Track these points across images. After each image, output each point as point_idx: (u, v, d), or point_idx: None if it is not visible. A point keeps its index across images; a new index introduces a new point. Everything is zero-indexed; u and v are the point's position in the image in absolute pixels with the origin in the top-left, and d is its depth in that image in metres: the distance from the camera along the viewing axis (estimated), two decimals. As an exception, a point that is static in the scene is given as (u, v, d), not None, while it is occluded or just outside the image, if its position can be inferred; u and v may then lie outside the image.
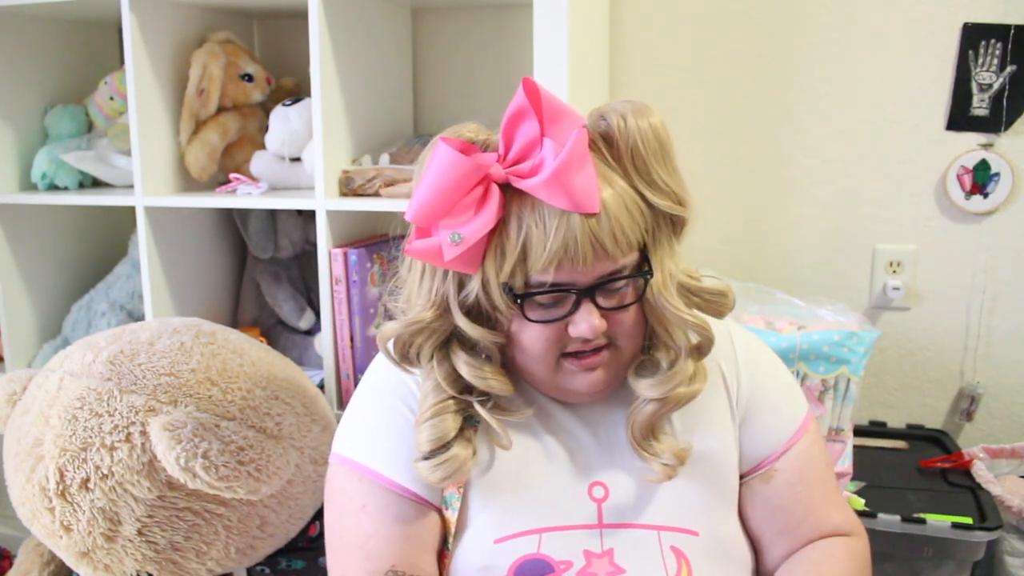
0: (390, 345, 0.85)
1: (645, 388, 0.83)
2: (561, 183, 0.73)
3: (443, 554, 0.87)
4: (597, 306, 0.78)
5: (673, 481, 0.84)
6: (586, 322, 0.77)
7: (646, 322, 0.83)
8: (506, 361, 0.85)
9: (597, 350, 0.81)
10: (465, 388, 0.84)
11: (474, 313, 0.81)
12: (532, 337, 0.80)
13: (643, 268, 0.79)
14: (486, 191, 0.76)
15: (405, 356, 0.85)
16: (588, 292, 0.77)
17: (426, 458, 0.82)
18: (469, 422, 0.85)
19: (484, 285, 0.78)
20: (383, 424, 0.88)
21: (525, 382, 0.87)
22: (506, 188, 0.77)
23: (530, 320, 0.79)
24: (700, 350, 0.84)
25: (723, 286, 0.85)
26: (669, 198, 0.79)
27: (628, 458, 0.86)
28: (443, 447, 0.82)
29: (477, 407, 0.83)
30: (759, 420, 0.90)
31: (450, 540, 0.86)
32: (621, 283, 0.79)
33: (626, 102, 0.78)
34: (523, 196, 0.76)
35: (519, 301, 0.78)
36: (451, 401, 0.83)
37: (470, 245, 0.75)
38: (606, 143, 0.78)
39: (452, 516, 0.85)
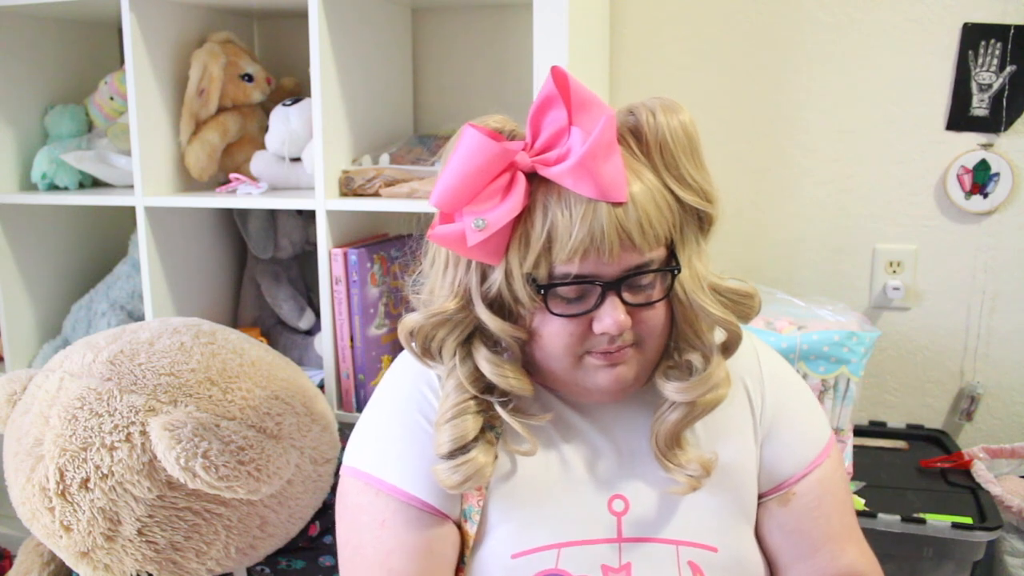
0: (412, 338, 0.83)
1: (674, 392, 0.80)
2: (588, 170, 0.71)
3: (459, 568, 0.86)
4: (623, 301, 0.76)
5: (694, 494, 0.83)
6: (611, 317, 0.75)
7: (672, 322, 0.81)
8: (526, 362, 0.83)
9: (621, 348, 0.79)
10: (486, 388, 0.82)
11: (496, 307, 0.79)
12: (554, 332, 0.78)
13: (671, 264, 0.78)
14: (512, 178, 0.74)
15: (427, 350, 0.83)
16: (614, 285, 0.75)
17: (445, 459, 0.80)
18: (490, 431, 0.83)
19: (507, 276, 0.76)
20: (398, 435, 0.86)
21: (544, 387, 0.86)
22: (532, 178, 0.75)
23: (553, 314, 0.76)
24: (728, 348, 0.82)
25: (750, 288, 0.83)
26: (698, 194, 0.77)
27: (650, 468, 0.84)
28: (463, 448, 0.80)
29: (498, 408, 0.81)
30: (780, 440, 0.88)
31: (467, 554, 0.85)
32: (648, 278, 0.77)
33: (655, 98, 0.77)
34: (549, 185, 0.74)
35: (543, 292, 0.76)
36: (472, 402, 0.81)
37: (494, 232, 0.73)
38: (635, 138, 0.77)
39: (471, 529, 0.84)
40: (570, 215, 0.73)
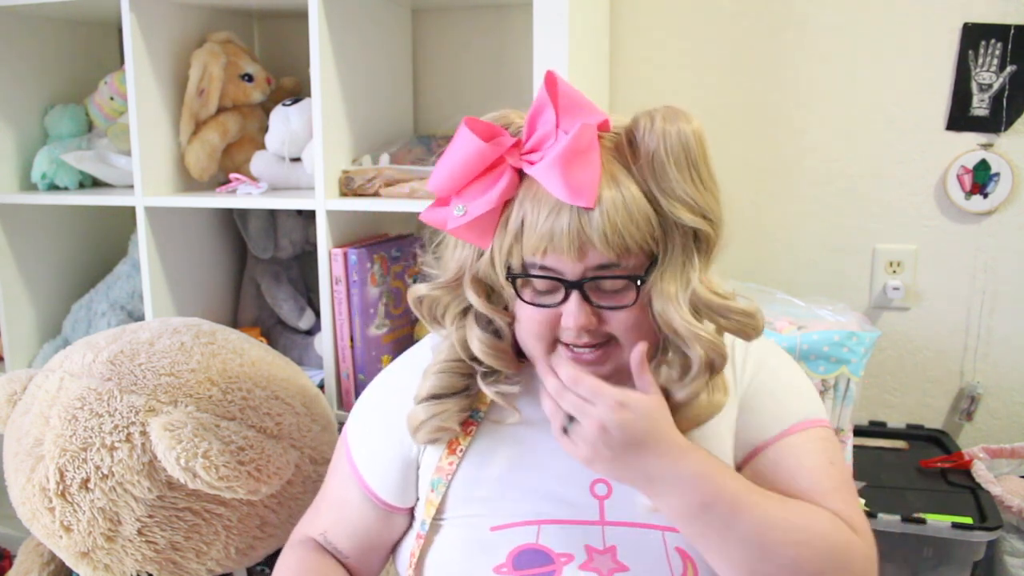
0: (420, 304, 0.89)
1: (663, 382, 0.81)
2: (557, 173, 0.74)
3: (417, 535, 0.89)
4: (590, 301, 0.78)
5: None
6: (572, 315, 0.78)
7: (655, 327, 0.81)
8: (518, 344, 0.87)
9: (593, 348, 0.80)
10: (475, 358, 0.87)
11: (487, 287, 0.84)
12: (527, 317, 0.82)
13: (644, 274, 0.78)
14: (501, 173, 0.79)
15: (432, 316, 0.89)
16: (577, 285, 0.77)
17: (421, 402, 0.87)
18: (473, 416, 0.89)
19: (491, 259, 0.81)
20: (379, 423, 0.94)
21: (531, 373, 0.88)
22: (524, 173, 0.80)
23: (524, 301, 0.81)
24: (712, 366, 0.81)
25: (751, 307, 0.82)
26: (690, 210, 0.76)
27: None
28: (441, 396, 0.86)
29: (479, 379, 0.86)
30: (753, 411, 0.87)
31: (425, 522, 0.88)
32: (615, 283, 0.78)
33: (666, 106, 0.77)
34: (531, 181, 0.78)
35: (513, 280, 0.80)
36: (461, 363, 0.87)
37: (473, 218, 0.78)
38: (630, 145, 0.78)
39: (435, 499, 0.87)
40: (538, 211, 0.76)
